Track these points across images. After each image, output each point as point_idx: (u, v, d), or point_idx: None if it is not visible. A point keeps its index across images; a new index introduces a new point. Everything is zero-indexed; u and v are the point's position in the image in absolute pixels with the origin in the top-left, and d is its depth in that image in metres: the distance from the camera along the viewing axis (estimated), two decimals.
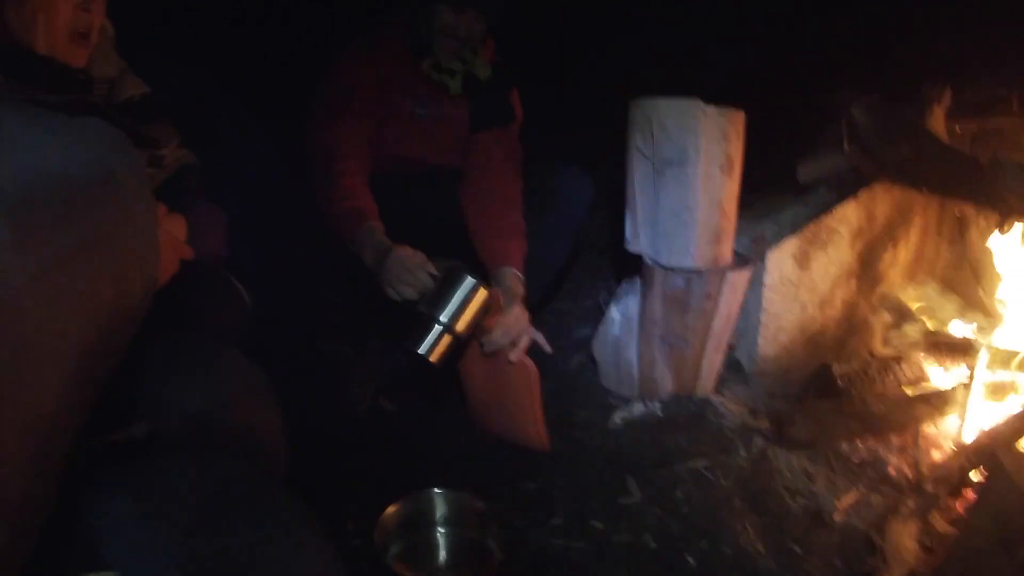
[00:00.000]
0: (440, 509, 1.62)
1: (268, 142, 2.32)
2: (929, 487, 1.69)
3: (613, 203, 2.08)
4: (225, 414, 1.04)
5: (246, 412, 1.09)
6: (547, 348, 1.89)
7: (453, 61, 2.12)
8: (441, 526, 1.62)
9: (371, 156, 2.06)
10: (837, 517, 1.65)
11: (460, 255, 2.02)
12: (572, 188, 2.15)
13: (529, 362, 1.83)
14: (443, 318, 1.69)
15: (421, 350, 1.69)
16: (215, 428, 1.01)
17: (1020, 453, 1.54)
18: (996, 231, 2.12)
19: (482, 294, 1.70)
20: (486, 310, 1.73)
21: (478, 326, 1.76)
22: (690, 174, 1.73)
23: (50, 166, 0.56)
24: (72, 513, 0.76)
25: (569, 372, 2.19)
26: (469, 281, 1.69)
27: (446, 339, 1.70)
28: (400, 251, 1.77)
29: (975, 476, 1.71)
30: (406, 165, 2.19)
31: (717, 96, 1.78)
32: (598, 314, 2.14)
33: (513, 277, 1.91)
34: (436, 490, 1.62)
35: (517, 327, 1.83)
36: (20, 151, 0.55)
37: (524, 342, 1.83)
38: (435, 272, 1.74)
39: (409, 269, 1.74)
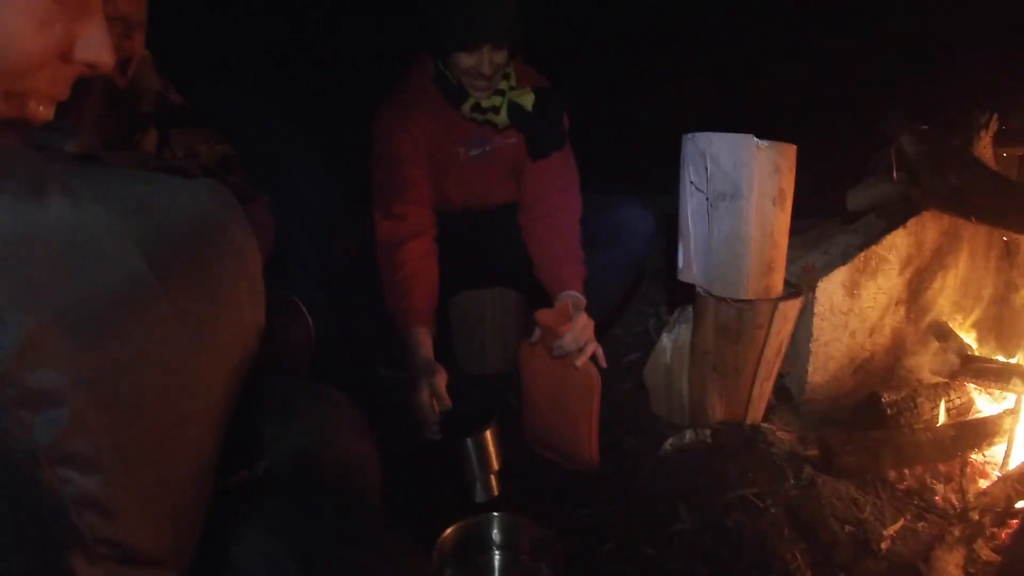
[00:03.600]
0: (496, 533, 1.66)
1: (324, 165, 2.38)
2: (975, 516, 1.71)
3: (664, 231, 2.12)
4: (328, 449, 1.10)
5: (346, 447, 1.14)
6: (603, 362, 1.93)
7: (491, 97, 2.12)
8: (497, 550, 1.66)
9: (435, 216, 2.11)
10: (884, 546, 1.67)
11: (522, 285, 2.07)
12: (634, 225, 2.19)
13: (594, 370, 1.88)
14: (477, 483, 1.78)
15: (478, 500, 1.79)
16: (319, 463, 1.07)
17: None
18: None
19: (492, 433, 1.77)
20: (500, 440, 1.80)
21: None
22: (743, 207, 1.75)
23: (180, 226, 0.60)
24: (213, 547, 0.82)
25: (619, 398, 2.22)
26: (471, 443, 1.75)
27: (491, 481, 1.79)
28: (420, 393, 1.86)
29: (1021, 504, 1.72)
30: (467, 206, 2.24)
31: (768, 125, 1.80)
32: (648, 340, 2.17)
33: (576, 296, 1.98)
34: (493, 514, 1.66)
35: (584, 334, 1.88)
36: (153, 213, 0.59)
37: (591, 349, 1.88)
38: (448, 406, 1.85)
39: (425, 417, 1.88)
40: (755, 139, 1.74)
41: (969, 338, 2.36)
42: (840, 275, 2.02)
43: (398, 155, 2.09)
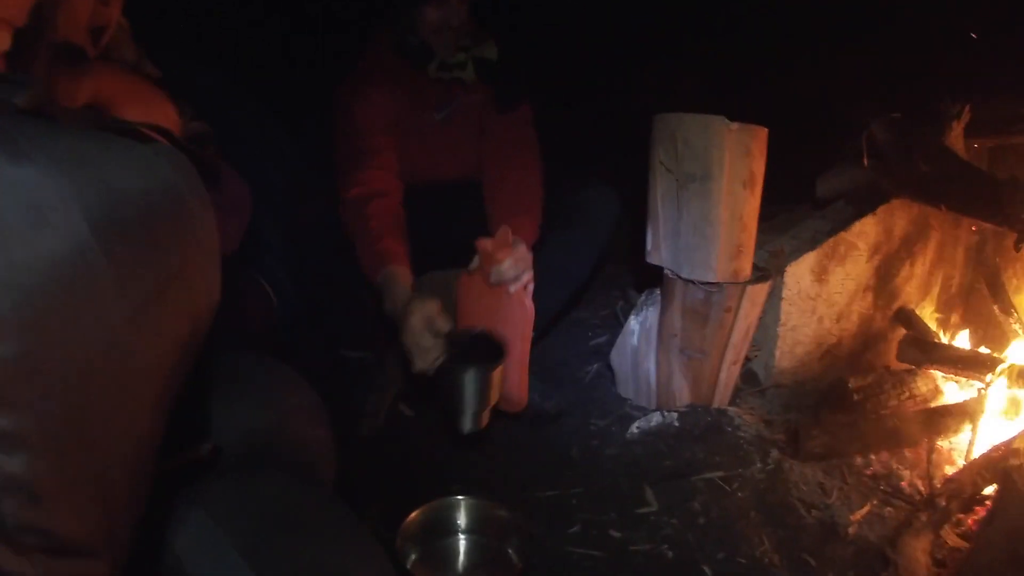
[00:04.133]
0: (461, 516, 1.64)
1: (290, 143, 2.34)
2: (942, 501, 1.71)
3: (632, 214, 2.10)
4: (281, 431, 1.07)
5: (300, 428, 1.11)
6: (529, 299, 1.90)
7: (457, 54, 2.14)
8: (462, 533, 1.64)
9: (402, 181, 2.07)
10: (851, 530, 1.67)
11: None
12: (599, 203, 2.17)
13: (528, 300, 1.86)
14: (469, 413, 1.68)
15: (466, 431, 1.69)
16: (272, 444, 1.04)
17: None
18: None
19: (498, 372, 1.69)
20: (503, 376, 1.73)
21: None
22: (713, 189, 1.74)
23: (133, 195, 0.56)
24: (153, 530, 0.79)
25: (586, 380, 2.21)
26: (476, 372, 1.66)
27: (483, 415, 1.71)
28: (413, 318, 1.71)
29: (988, 491, 1.73)
30: (434, 178, 2.21)
31: (740, 112, 1.80)
32: (615, 323, 2.16)
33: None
34: (458, 497, 1.64)
35: (524, 263, 1.85)
36: (105, 179, 0.55)
37: (526, 278, 1.85)
38: (448, 331, 1.73)
39: (420, 345, 1.71)
40: (726, 120, 1.73)
41: (936, 326, 2.38)
42: (809, 260, 2.02)
43: (362, 125, 2.07)
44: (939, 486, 1.79)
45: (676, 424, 1.94)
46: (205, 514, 0.84)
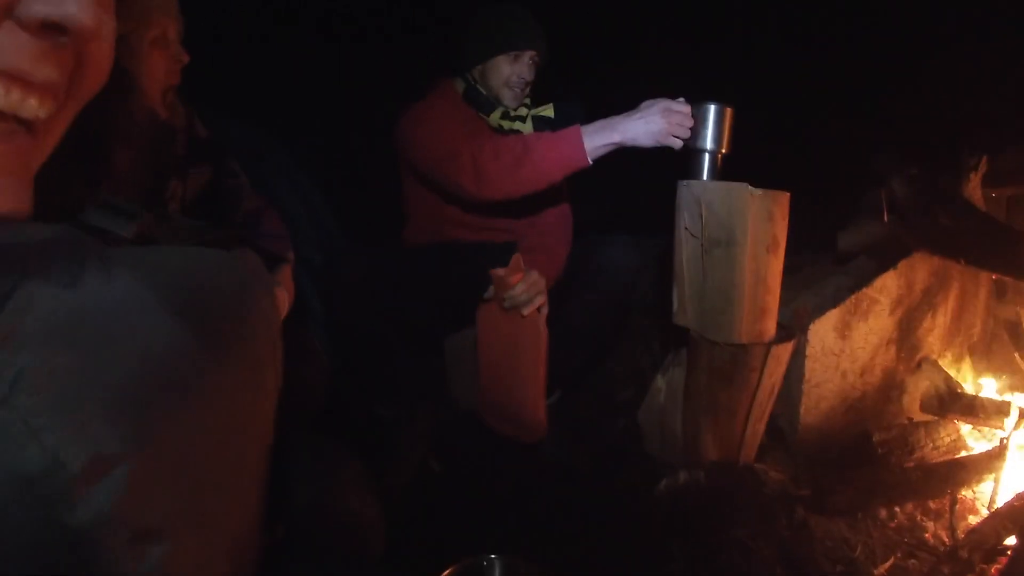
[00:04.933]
0: (495, 574, 1.68)
1: (324, 203, 2.41)
2: (964, 553, 1.72)
3: (658, 270, 2.15)
4: (335, 505, 1.13)
5: (351, 502, 1.17)
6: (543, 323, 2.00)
7: (520, 109, 2.28)
8: None
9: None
10: None
11: None
12: (621, 261, 2.24)
13: (542, 322, 1.95)
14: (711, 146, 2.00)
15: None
16: (327, 518, 1.10)
17: None
18: None
19: (729, 113, 2.01)
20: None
21: None
22: (737, 254, 1.79)
23: (212, 292, 0.62)
24: None
25: (614, 436, 2.25)
26: (718, 108, 2.00)
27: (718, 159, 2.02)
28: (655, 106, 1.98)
29: (1010, 541, 1.75)
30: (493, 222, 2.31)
31: (763, 169, 1.84)
32: (641, 377, 2.20)
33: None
34: (491, 556, 1.68)
35: (535, 288, 1.94)
36: (186, 283, 0.60)
37: (539, 300, 1.94)
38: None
39: (674, 111, 1.98)
40: (749, 187, 1.78)
41: (959, 375, 2.40)
42: (831, 317, 2.06)
43: (444, 128, 2.18)
44: (962, 537, 1.81)
45: (703, 481, 1.96)
46: None
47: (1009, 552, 1.71)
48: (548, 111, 2.30)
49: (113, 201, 0.75)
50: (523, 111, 2.29)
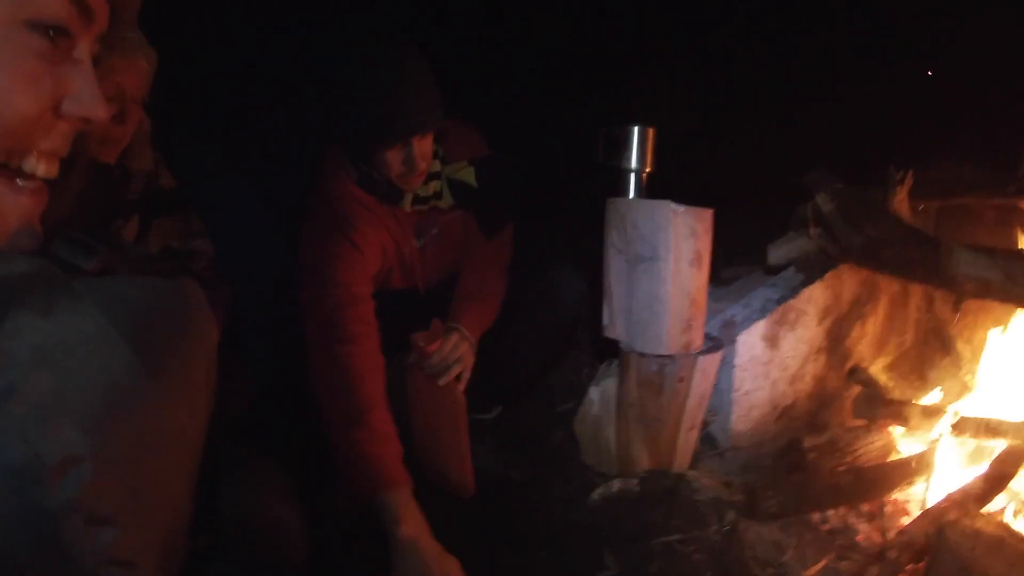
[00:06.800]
0: None
1: (276, 230, 2.43)
2: (892, 554, 1.76)
3: (595, 286, 2.20)
4: (260, 515, 1.18)
5: (276, 512, 1.23)
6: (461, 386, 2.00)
7: (427, 184, 2.02)
8: None
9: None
10: None
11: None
12: (565, 286, 2.25)
13: (459, 391, 1.96)
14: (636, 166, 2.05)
15: None
16: (252, 528, 1.15)
17: (964, 525, 1.61)
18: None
19: (651, 133, 2.04)
20: None
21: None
22: (661, 269, 1.85)
23: (160, 320, 0.73)
24: None
25: (552, 446, 2.30)
26: (641, 129, 2.04)
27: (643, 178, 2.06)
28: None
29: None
30: (420, 286, 2.25)
31: (691, 182, 1.91)
32: (581, 390, 2.24)
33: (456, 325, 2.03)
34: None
35: (453, 355, 1.95)
36: (140, 314, 0.71)
37: (456, 370, 1.94)
38: None
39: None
40: (672, 204, 1.84)
41: (890, 382, 2.47)
42: (760, 328, 2.13)
43: (342, 278, 1.93)
44: (892, 538, 1.85)
45: (636, 489, 2.01)
46: None
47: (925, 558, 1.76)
48: (467, 175, 2.06)
49: (76, 236, 0.89)
50: (436, 184, 2.03)
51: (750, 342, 2.12)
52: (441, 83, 1.93)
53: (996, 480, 1.81)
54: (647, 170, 2.09)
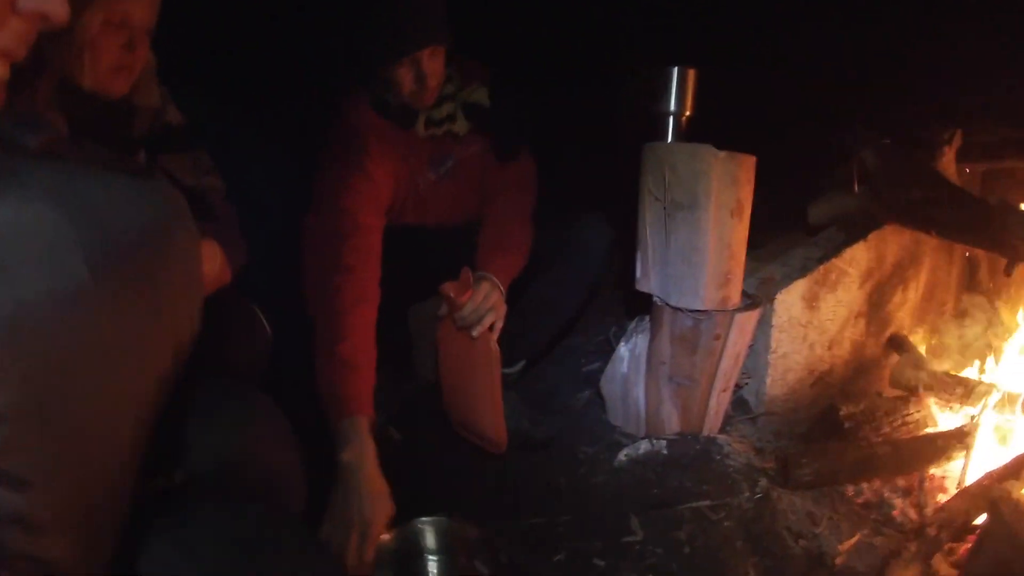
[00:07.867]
0: (430, 538, 1.62)
1: (289, 177, 2.35)
2: (932, 531, 1.69)
3: (624, 241, 2.11)
4: (252, 458, 1.10)
5: (271, 455, 1.15)
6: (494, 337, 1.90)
7: (441, 106, 2.04)
8: (432, 555, 1.63)
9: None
10: (839, 560, 1.66)
11: None
12: (591, 237, 2.17)
13: (493, 342, 1.87)
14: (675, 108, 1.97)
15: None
16: (243, 471, 1.08)
17: (1018, 500, 1.53)
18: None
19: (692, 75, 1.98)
20: None
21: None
22: (700, 218, 1.75)
23: (126, 232, 0.61)
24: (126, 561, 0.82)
25: (577, 407, 2.22)
26: (681, 70, 1.97)
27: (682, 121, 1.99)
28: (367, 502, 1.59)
29: (980, 519, 1.72)
30: (437, 224, 2.21)
31: (729, 137, 1.81)
32: (608, 349, 2.16)
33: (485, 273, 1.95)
34: (424, 519, 1.64)
35: (486, 305, 1.86)
36: (103, 221, 0.60)
37: (489, 319, 1.86)
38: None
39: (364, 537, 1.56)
40: (713, 149, 1.74)
41: (930, 352, 2.37)
42: (799, 287, 2.02)
43: (349, 205, 1.93)
44: (930, 515, 1.78)
45: (664, 452, 1.93)
46: (172, 548, 0.86)
47: (977, 531, 1.68)
48: (480, 95, 2.06)
49: (22, 112, 0.75)
50: (449, 106, 2.04)
51: (789, 301, 2.01)
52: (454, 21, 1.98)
53: None
54: (687, 113, 1.98)
